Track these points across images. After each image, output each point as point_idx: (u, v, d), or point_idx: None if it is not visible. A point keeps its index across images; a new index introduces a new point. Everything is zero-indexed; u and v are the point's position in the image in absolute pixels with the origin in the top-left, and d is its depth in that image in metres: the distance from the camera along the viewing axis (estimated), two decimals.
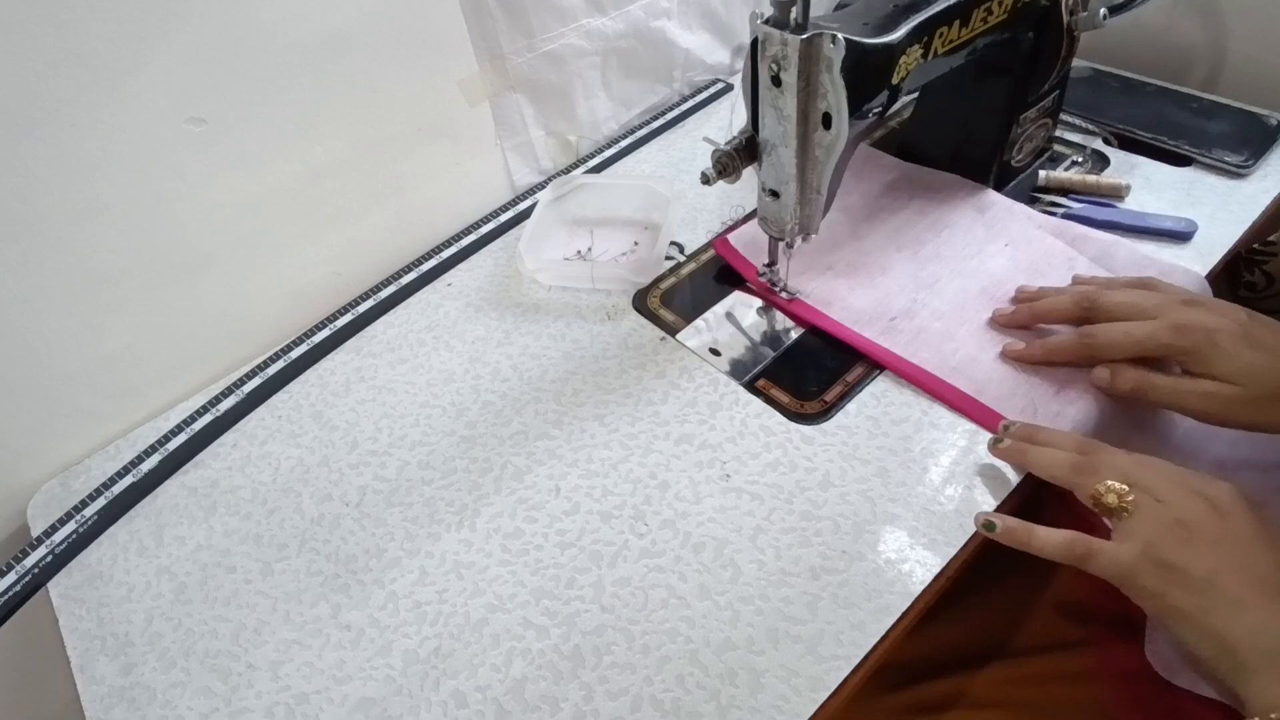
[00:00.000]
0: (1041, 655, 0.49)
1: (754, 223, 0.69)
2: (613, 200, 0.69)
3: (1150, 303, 0.47)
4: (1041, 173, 0.62)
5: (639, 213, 0.68)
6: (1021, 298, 0.54)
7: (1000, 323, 0.53)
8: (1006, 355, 0.51)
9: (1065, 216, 0.60)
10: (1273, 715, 0.33)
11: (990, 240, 0.59)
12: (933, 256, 0.59)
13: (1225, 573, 0.36)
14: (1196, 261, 0.56)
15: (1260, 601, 0.35)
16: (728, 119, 0.76)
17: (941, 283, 0.57)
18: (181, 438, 0.56)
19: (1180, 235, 0.57)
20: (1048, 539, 0.41)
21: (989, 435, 0.48)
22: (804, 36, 0.41)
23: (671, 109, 0.79)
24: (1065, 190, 0.62)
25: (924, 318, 0.54)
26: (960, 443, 0.48)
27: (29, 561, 0.50)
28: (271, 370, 0.59)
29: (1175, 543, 0.38)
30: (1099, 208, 0.60)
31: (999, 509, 0.44)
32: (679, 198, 0.66)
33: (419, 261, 0.66)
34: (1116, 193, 0.61)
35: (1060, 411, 0.48)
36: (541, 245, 0.65)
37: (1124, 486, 0.41)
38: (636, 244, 0.66)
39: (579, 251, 0.66)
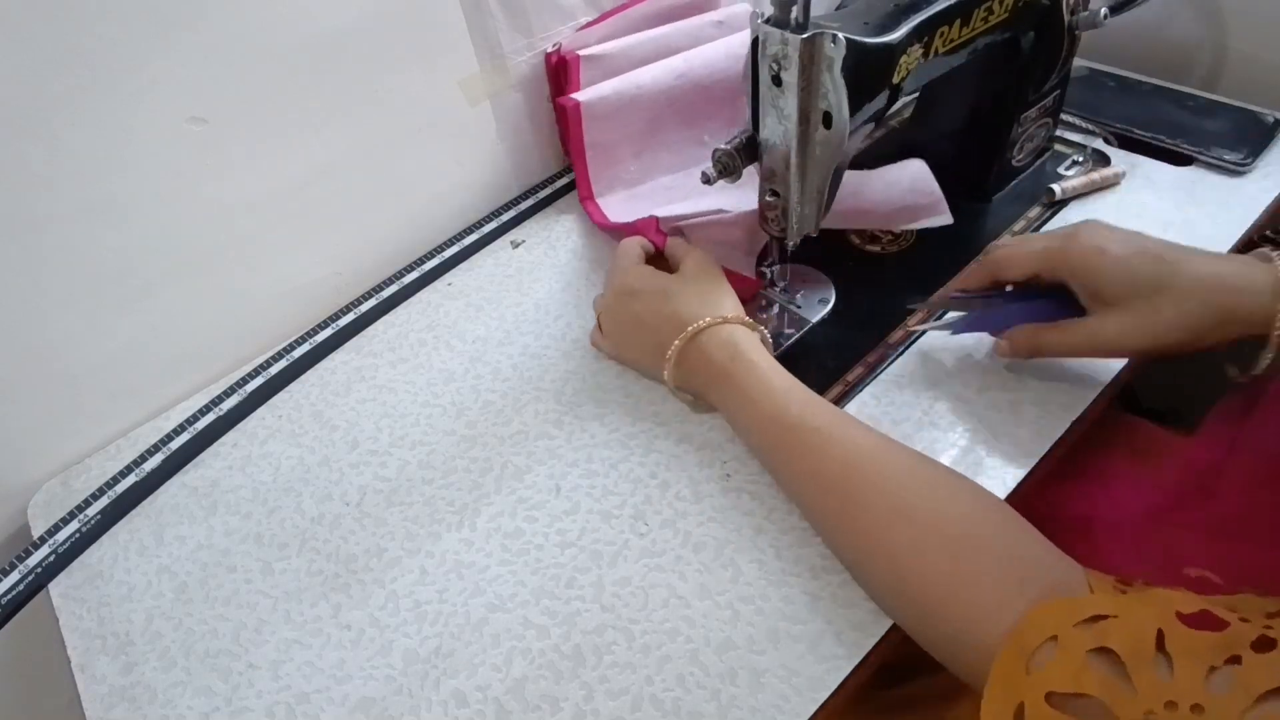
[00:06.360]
0: None
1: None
2: None
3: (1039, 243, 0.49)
4: (1055, 186, 0.62)
5: None
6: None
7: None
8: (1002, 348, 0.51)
9: None
10: (676, 387, 0.50)
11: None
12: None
13: (643, 351, 0.52)
14: None
15: (654, 363, 0.50)
16: None
17: None
18: (183, 437, 0.56)
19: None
20: None
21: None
22: (804, 36, 0.41)
23: None
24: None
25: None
26: (961, 442, 0.48)
27: (32, 561, 0.50)
28: (273, 370, 0.59)
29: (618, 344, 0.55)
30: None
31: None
32: None
33: (420, 261, 0.66)
34: (1116, 181, 0.62)
35: None
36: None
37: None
38: None
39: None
